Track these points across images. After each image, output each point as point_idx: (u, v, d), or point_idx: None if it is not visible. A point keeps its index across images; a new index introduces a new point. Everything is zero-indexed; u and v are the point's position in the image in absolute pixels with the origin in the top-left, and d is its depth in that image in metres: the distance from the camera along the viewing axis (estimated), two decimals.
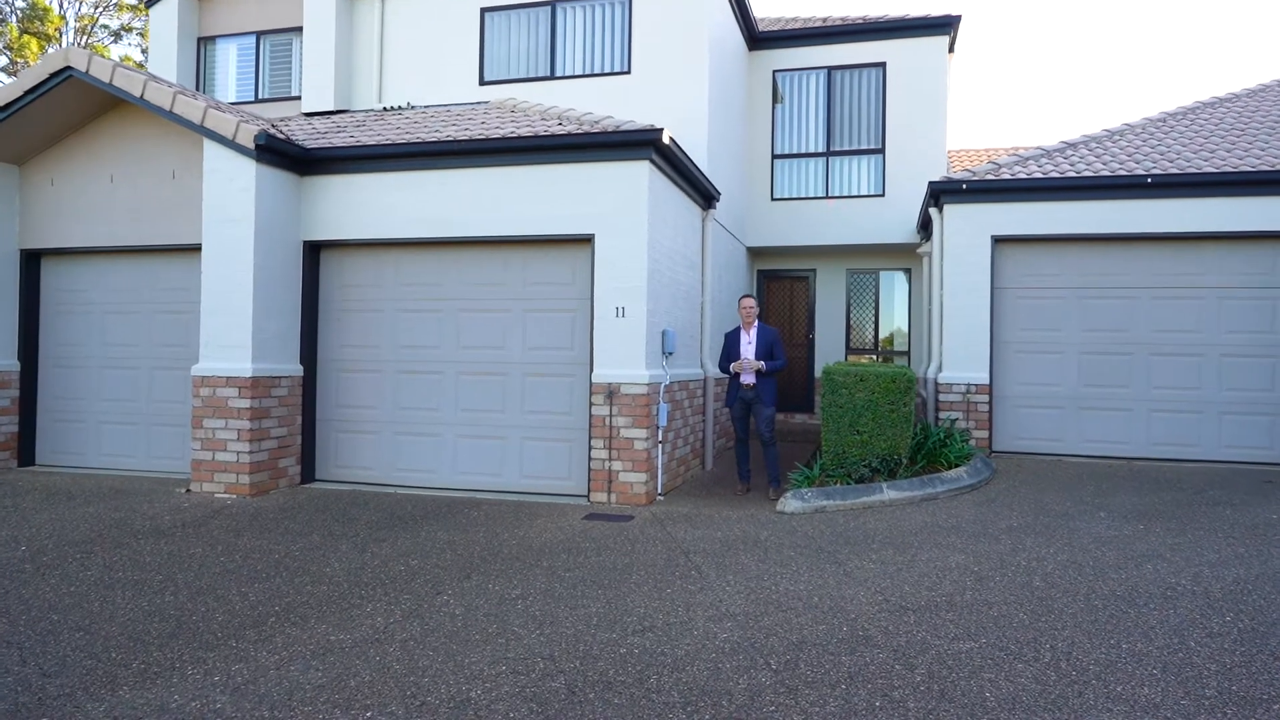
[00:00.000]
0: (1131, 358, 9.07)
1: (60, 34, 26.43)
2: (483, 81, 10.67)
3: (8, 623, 4.26)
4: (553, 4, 10.48)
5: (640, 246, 7.42)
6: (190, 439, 7.80)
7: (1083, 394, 9.16)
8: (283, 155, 7.91)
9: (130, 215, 8.50)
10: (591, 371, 7.54)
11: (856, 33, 12.21)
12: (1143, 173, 8.87)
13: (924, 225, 11.06)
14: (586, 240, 7.64)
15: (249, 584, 4.96)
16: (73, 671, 3.68)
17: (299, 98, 11.37)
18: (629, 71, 10.13)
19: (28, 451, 8.95)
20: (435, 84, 10.77)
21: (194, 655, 3.87)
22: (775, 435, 7.70)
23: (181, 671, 3.69)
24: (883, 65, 12.17)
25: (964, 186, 9.28)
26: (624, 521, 6.66)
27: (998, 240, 9.30)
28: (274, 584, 4.96)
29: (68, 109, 8.36)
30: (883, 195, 12.17)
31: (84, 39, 26.97)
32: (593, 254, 7.57)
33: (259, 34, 11.83)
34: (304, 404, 8.24)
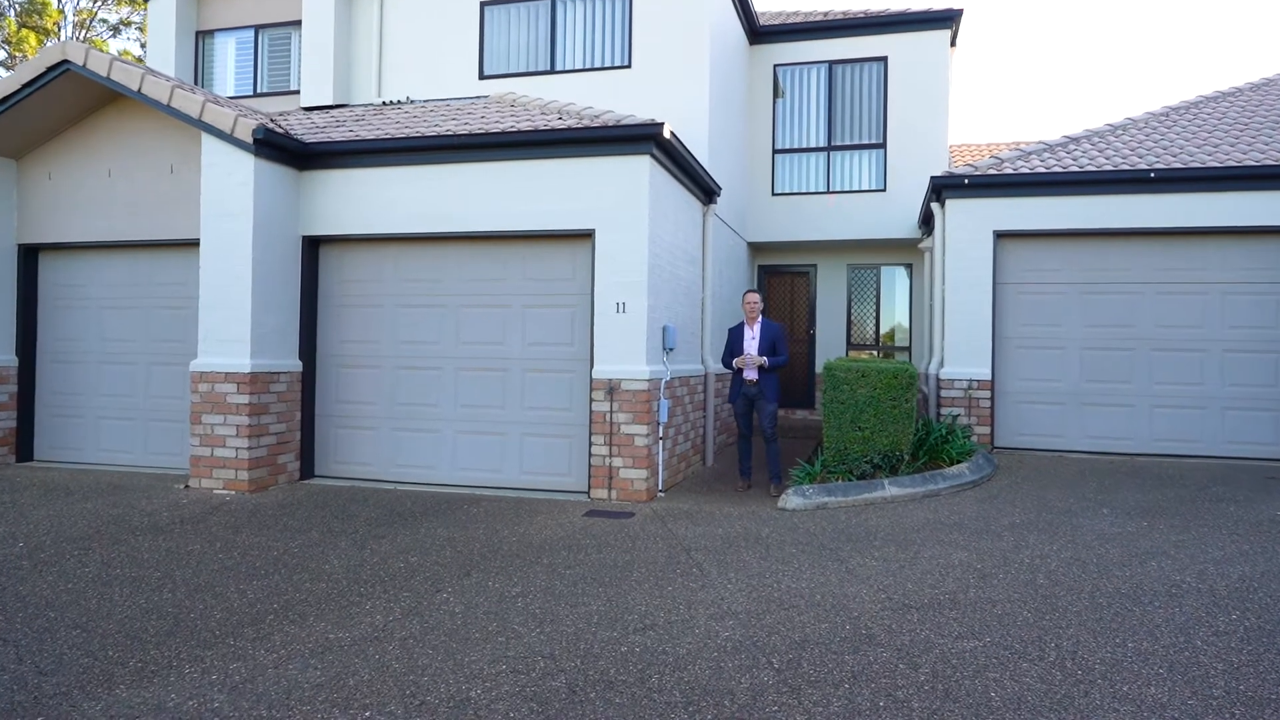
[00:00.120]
0: (1134, 353, 9.04)
1: (59, 28, 26.34)
2: (482, 76, 10.61)
3: (4, 620, 4.23)
4: None
5: (641, 241, 7.38)
6: (189, 435, 7.77)
7: (1085, 389, 9.13)
8: (281, 150, 7.86)
9: (128, 210, 8.45)
10: (592, 367, 7.50)
11: (858, 26, 12.16)
12: (1145, 167, 8.83)
13: (925, 220, 11.02)
14: (587, 235, 7.60)
15: (247, 581, 4.93)
16: (69, 669, 3.65)
17: (297, 92, 11.32)
18: (629, 66, 10.07)
19: (26, 447, 8.93)
20: (434, 78, 10.72)
21: (192, 653, 3.84)
22: (778, 431, 7.67)
23: (179, 670, 3.66)
24: (884, 59, 12.11)
25: (966, 181, 9.23)
26: (625, 518, 6.63)
27: (1000, 235, 9.26)
28: (272, 581, 4.93)
29: (65, 103, 8.31)
30: (884, 190, 12.12)
31: (82, 33, 26.88)
32: (593, 249, 7.53)
33: (257, 28, 11.77)
34: (303, 400, 8.21)
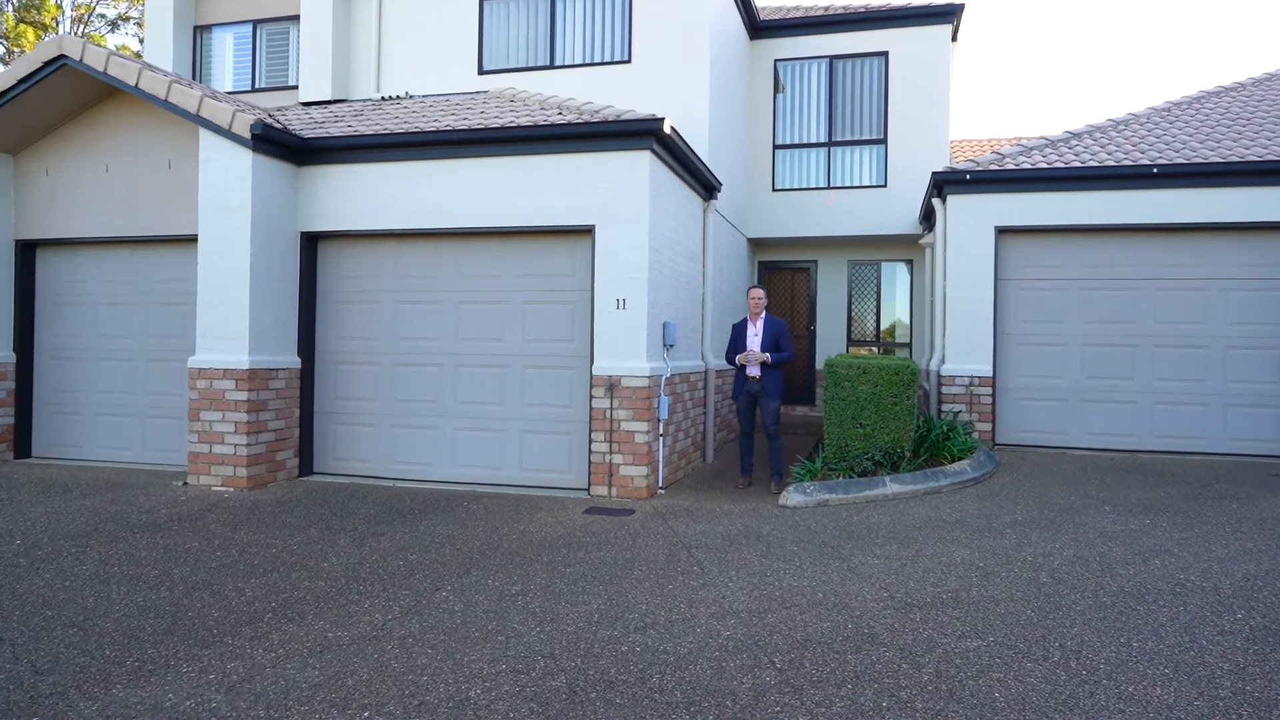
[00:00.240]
0: (1136, 349, 9.00)
1: (57, 23, 26.25)
2: (481, 71, 10.55)
3: (1, 619, 4.20)
4: None
5: (641, 237, 7.34)
6: (187, 431, 7.74)
7: (1086, 386, 9.10)
8: (279, 145, 7.81)
9: (126, 205, 8.41)
10: (592, 364, 7.46)
11: (859, 21, 12.11)
12: (1148, 163, 8.79)
13: (926, 216, 10.98)
14: (587, 231, 7.56)
15: (245, 579, 4.90)
16: (66, 669, 3.63)
17: (296, 87, 11.25)
18: (629, 61, 10.02)
19: (24, 443, 8.90)
20: (433, 73, 10.66)
21: (189, 652, 3.81)
22: (780, 428, 7.64)
23: (176, 669, 3.63)
24: (885, 54, 12.06)
25: (968, 177, 9.19)
26: (625, 515, 6.60)
27: (1001, 231, 9.22)
28: (271, 579, 4.90)
29: (63, 98, 8.26)
30: (885, 186, 12.08)
31: (81, 28, 26.79)
32: (593, 245, 7.49)
33: (255, 22, 11.71)
34: (302, 396, 8.17)
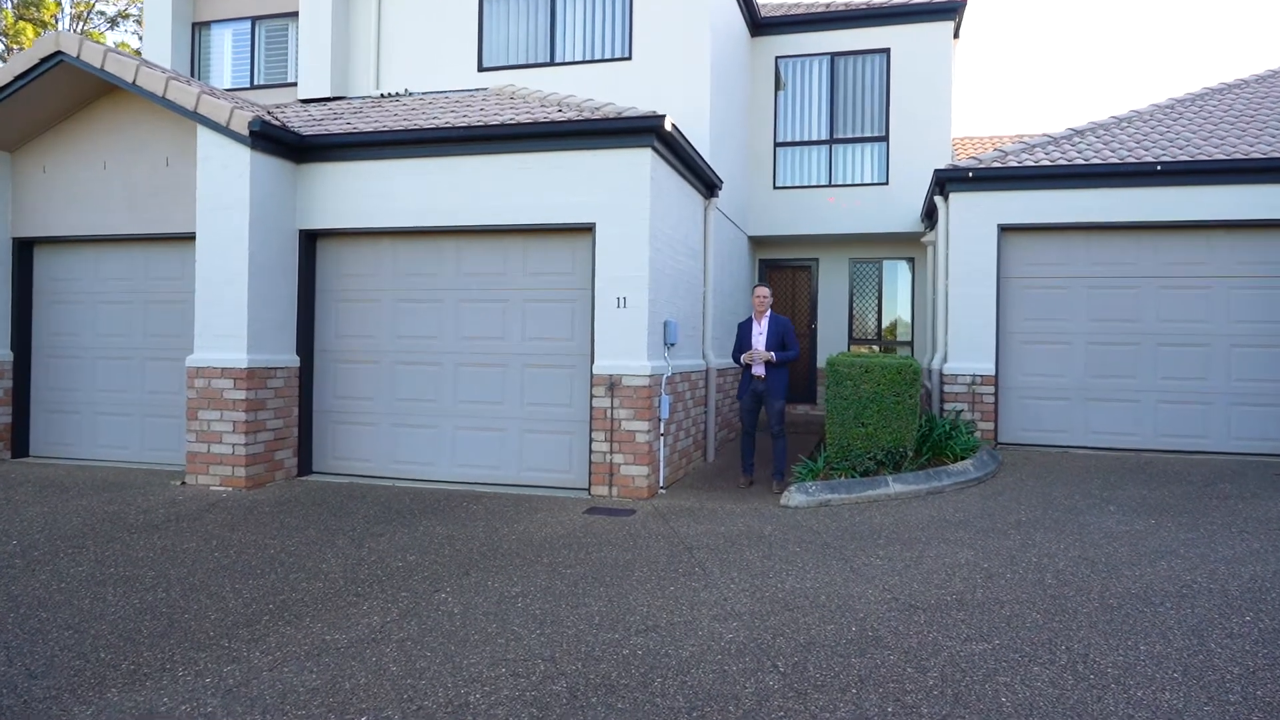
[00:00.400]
0: (1139, 348, 8.95)
1: (56, 20, 26.18)
2: (481, 68, 10.49)
3: None
4: None
5: (642, 235, 7.29)
6: (185, 431, 7.69)
7: (1089, 385, 9.05)
8: (278, 142, 7.76)
9: (124, 203, 8.36)
10: (592, 363, 7.41)
11: (860, 18, 12.04)
12: (1151, 160, 8.73)
13: (928, 214, 10.92)
14: (587, 229, 7.51)
15: (243, 580, 4.85)
16: (60, 672, 3.58)
17: (295, 85, 11.19)
18: (630, 57, 9.96)
19: (21, 442, 8.86)
20: (433, 70, 10.60)
21: (185, 655, 3.77)
22: (784, 428, 7.59)
23: (172, 673, 3.59)
24: (887, 51, 12.00)
25: (970, 174, 9.13)
26: (626, 516, 6.55)
27: (1004, 229, 9.17)
28: (268, 580, 4.86)
29: (60, 95, 8.21)
30: (886, 184, 12.02)
31: (80, 25, 26.72)
32: (594, 243, 7.44)
33: (254, 19, 11.65)
34: (301, 395, 8.12)
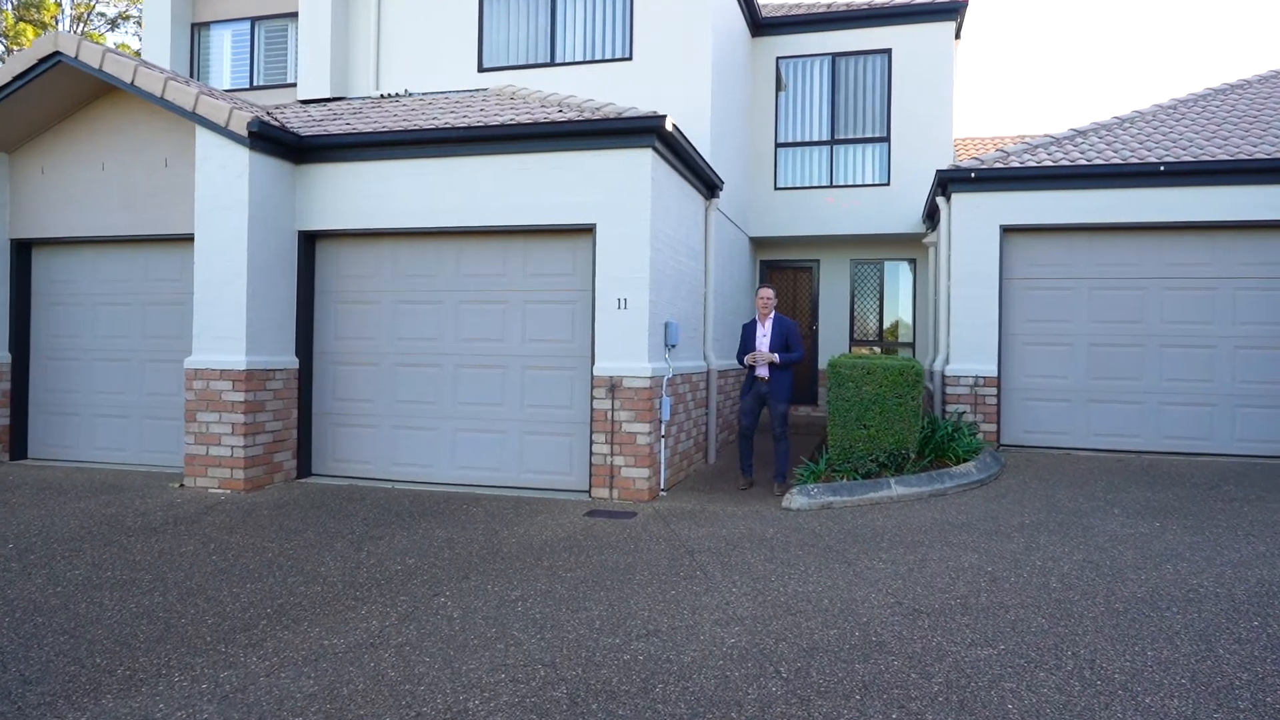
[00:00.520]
0: (1142, 349, 8.91)
1: (56, 21, 26.17)
2: (481, 68, 10.46)
3: None
4: None
5: (643, 236, 7.25)
6: (184, 433, 7.65)
7: (1092, 386, 9.00)
8: (277, 143, 7.72)
9: (122, 204, 8.32)
10: (593, 364, 7.38)
11: (861, 18, 12.00)
12: (1155, 160, 8.69)
13: (930, 215, 10.88)
14: (588, 230, 7.47)
15: (241, 584, 4.81)
16: (55, 678, 3.54)
17: (294, 85, 11.15)
18: (630, 58, 9.92)
19: (20, 445, 8.82)
20: (433, 71, 10.57)
21: (182, 661, 3.73)
22: (787, 430, 7.55)
23: (168, 678, 3.55)
24: (888, 51, 11.96)
25: (972, 175, 9.10)
26: (626, 518, 6.51)
27: (1006, 230, 9.13)
28: (266, 584, 4.82)
29: (58, 95, 8.18)
30: (887, 184, 11.98)
31: (80, 26, 26.71)
32: (594, 244, 7.40)
33: (253, 20, 11.62)
34: (300, 397, 8.08)
